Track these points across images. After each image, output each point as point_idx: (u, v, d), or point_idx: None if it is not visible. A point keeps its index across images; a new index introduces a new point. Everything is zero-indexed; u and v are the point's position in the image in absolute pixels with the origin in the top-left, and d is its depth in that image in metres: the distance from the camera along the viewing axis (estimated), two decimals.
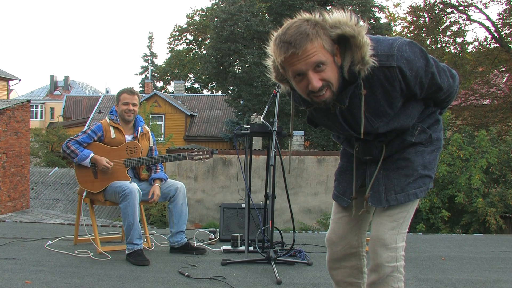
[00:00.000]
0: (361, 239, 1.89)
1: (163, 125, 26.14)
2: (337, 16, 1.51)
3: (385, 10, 33.85)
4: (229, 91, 25.02)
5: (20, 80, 19.69)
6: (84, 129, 3.71)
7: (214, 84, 36.56)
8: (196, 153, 3.78)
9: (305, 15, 1.53)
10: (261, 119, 3.38)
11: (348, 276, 1.91)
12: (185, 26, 40.71)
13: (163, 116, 26.43)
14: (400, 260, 1.71)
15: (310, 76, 1.50)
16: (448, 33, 16.85)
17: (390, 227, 1.70)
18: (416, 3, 24.09)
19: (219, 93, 32.19)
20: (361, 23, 1.51)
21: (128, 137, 3.73)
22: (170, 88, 40.92)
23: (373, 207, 1.79)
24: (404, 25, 20.38)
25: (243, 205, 4.12)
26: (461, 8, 15.83)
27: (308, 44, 1.46)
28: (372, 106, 1.60)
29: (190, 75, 41.62)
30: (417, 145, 1.74)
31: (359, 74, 1.52)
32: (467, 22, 16.15)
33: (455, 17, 16.34)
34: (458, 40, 16.90)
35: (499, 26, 15.37)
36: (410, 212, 1.74)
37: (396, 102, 1.60)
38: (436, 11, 16.08)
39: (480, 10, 15.46)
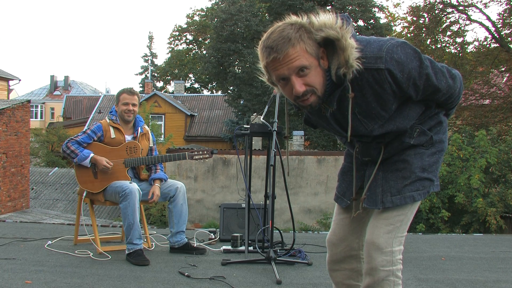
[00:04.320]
0: (362, 241, 1.86)
1: (163, 125, 26.14)
2: (323, 19, 1.49)
3: (385, 10, 33.81)
4: (229, 91, 25.04)
5: (20, 80, 19.70)
6: (84, 129, 3.71)
7: (214, 84, 36.59)
8: (196, 153, 3.78)
9: (291, 18, 1.52)
10: (261, 119, 3.39)
11: (347, 278, 1.90)
12: (185, 26, 40.73)
13: (163, 116, 26.44)
14: (396, 264, 1.67)
15: (293, 81, 1.49)
16: (448, 33, 16.85)
17: (386, 231, 1.67)
18: (416, 3, 24.12)
19: (219, 93, 32.22)
20: (347, 26, 1.48)
21: (128, 137, 3.73)
22: (170, 88, 40.94)
23: (372, 209, 1.76)
24: (404, 25, 20.38)
25: (243, 205, 4.12)
26: (461, 8, 15.82)
27: (290, 49, 1.45)
28: (364, 108, 1.58)
29: (190, 75, 41.65)
30: (417, 147, 1.70)
31: (344, 77, 1.51)
32: (467, 22, 16.14)
33: (455, 17, 16.34)
34: (458, 40, 16.90)
35: (499, 26, 15.36)
36: (408, 216, 1.70)
37: (389, 104, 1.58)
38: (436, 11, 16.07)
39: (480, 10, 15.45)
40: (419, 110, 1.68)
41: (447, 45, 17.10)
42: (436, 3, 16.01)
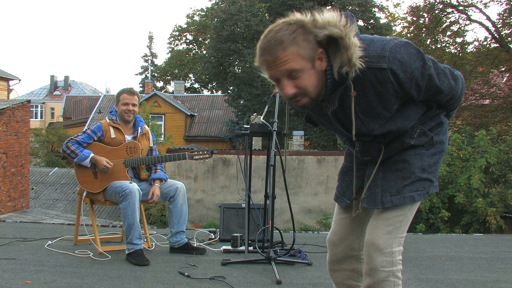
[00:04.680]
0: (362, 242, 1.85)
1: (163, 125, 26.14)
2: (327, 16, 1.48)
3: (385, 10, 33.81)
4: (229, 91, 25.04)
5: (20, 80, 19.69)
6: (84, 129, 3.71)
7: (214, 84, 36.59)
8: (196, 153, 3.78)
9: (294, 16, 1.51)
10: (261, 119, 3.38)
11: (347, 279, 1.90)
12: (185, 26, 40.74)
13: (163, 116, 26.44)
14: (396, 265, 1.67)
15: (283, 84, 1.51)
16: (448, 33, 16.84)
17: (386, 231, 1.67)
18: (416, 3, 24.12)
19: (219, 93, 32.22)
20: (351, 24, 1.47)
21: (128, 137, 3.73)
22: (170, 88, 40.94)
23: (372, 209, 1.76)
24: (404, 25, 20.38)
25: (243, 205, 4.12)
26: (461, 8, 15.81)
27: (280, 52, 1.45)
28: (365, 107, 1.58)
29: (190, 75, 41.65)
30: (418, 147, 1.70)
31: (347, 76, 1.50)
32: (467, 22, 16.13)
33: (455, 17, 16.34)
34: (458, 40, 16.90)
35: (499, 26, 15.36)
36: (408, 216, 1.70)
37: (391, 104, 1.57)
38: (436, 11, 16.07)
39: (480, 10, 15.45)
40: (420, 111, 1.68)
41: (447, 45, 17.10)
42: (436, 3, 16.01)
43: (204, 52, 34.41)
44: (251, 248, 3.62)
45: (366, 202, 1.73)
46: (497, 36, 15.16)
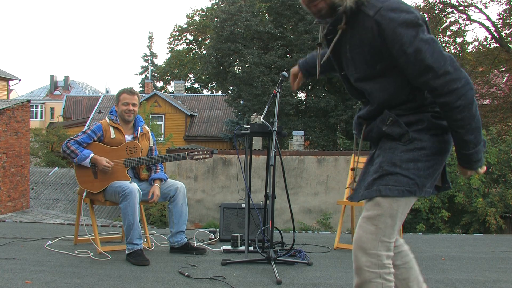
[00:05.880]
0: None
1: (163, 125, 26.15)
2: None
3: None
4: (229, 91, 25.03)
5: (20, 80, 19.68)
6: (84, 129, 3.71)
7: (214, 84, 36.59)
8: (196, 153, 3.78)
9: None
10: (261, 119, 3.38)
11: None
12: (185, 26, 40.74)
13: (163, 116, 26.44)
14: (384, 268, 1.62)
15: None
16: (448, 33, 16.87)
17: (369, 231, 1.63)
18: (416, 3, 24.10)
19: (219, 93, 32.22)
20: None
21: (128, 137, 3.73)
22: (170, 88, 40.95)
23: None
24: None
25: (243, 205, 4.12)
26: (461, 8, 15.83)
27: None
28: (351, 49, 1.64)
29: (190, 75, 41.65)
30: (395, 141, 1.67)
31: (337, 7, 1.56)
32: (467, 22, 16.19)
33: (455, 17, 16.38)
34: (458, 40, 16.94)
35: (499, 26, 15.38)
36: (392, 217, 1.63)
37: (373, 57, 1.59)
38: (436, 11, 16.09)
39: (480, 10, 15.48)
40: (401, 92, 1.65)
41: (447, 45, 17.12)
42: (436, 3, 16.02)
43: (204, 52, 34.42)
44: (251, 248, 3.62)
45: (352, 195, 1.78)
46: (497, 36, 15.17)
